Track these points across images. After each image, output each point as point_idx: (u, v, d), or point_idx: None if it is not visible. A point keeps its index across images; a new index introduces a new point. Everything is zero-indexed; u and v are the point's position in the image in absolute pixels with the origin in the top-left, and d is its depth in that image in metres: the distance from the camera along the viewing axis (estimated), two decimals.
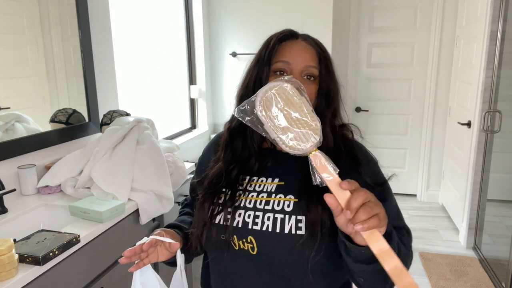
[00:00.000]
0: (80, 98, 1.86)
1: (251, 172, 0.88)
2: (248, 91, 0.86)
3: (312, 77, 0.85)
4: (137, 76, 2.49)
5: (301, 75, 0.84)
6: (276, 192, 0.83)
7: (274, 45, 0.85)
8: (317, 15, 3.11)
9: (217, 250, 0.85)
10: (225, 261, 0.85)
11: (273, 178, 0.86)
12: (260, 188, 0.85)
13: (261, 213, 0.81)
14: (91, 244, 1.24)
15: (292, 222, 0.79)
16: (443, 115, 3.66)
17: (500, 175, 2.83)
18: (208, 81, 3.36)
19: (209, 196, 0.86)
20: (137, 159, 1.59)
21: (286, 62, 0.83)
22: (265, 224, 0.80)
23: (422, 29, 3.60)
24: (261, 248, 0.80)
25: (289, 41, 0.87)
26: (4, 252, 0.93)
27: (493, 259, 2.60)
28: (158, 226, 1.72)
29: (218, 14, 3.29)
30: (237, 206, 0.84)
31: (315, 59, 0.85)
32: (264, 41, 0.89)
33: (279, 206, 0.81)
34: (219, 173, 0.88)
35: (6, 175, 1.47)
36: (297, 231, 0.78)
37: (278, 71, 0.84)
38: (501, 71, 2.57)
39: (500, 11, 2.51)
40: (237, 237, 0.81)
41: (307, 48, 0.86)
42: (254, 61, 0.88)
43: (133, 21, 2.42)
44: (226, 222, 0.82)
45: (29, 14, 1.58)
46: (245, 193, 0.85)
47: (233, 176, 0.87)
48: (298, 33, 0.90)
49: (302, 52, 0.85)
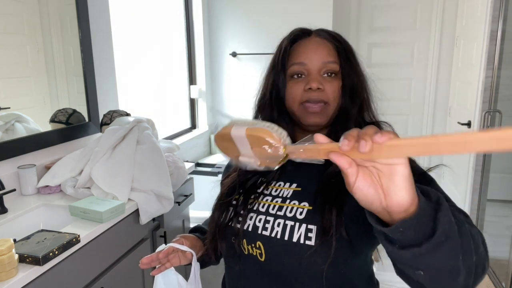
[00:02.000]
0: (80, 98, 1.87)
1: (270, 176, 0.84)
2: (266, 101, 0.83)
3: (333, 74, 0.79)
4: (137, 76, 2.49)
5: (319, 73, 0.78)
6: (291, 198, 0.79)
7: (286, 48, 0.80)
8: (317, 15, 3.11)
9: (229, 253, 0.83)
10: (236, 266, 0.83)
11: (290, 183, 0.82)
12: (276, 192, 0.81)
13: (272, 218, 0.77)
14: (91, 244, 1.24)
15: (302, 230, 0.73)
16: (443, 115, 3.66)
17: (500, 175, 2.83)
18: (208, 81, 3.36)
19: (224, 201, 0.85)
20: (137, 159, 1.59)
21: (301, 63, 0.78)
22: (274, 230, 0.75)
23: (422, 29, 3.60)
24: (269, 255, 0.76)
25: (302, 41, 0.81)
26: (4, 252, 0.93)
27: (493, 259, 2.59)
28: (158, 226, 1.72)
29: (218, 14, 3.29)
30: (250, 208, 0.81)
31: (332, 53, 0.79)
32: (277, 45, 0.84)
33: (291, 213, 0.76)
34: (233, 185, 0.86)
35: (6, 175, 1.47)
36: (306, 241, 0.72)
37: (295, 75, 0.79)
38: (501, 71, 2.57)
39: (500, 11, 2.51)
40: (247, 241, 0.78)
41: (322, 43, 0.79)
42: (270, 68, 0.84)
43: (133, 21, 2.42)
44: (236, 224, 0.80)
45: (29, 14, 1.58)
46: (260, 196, 0.82)
47: (251, 183, 0.84)
48: (311, 29, 0.83)
49: (317, 49, 0.78)
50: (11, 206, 1.40)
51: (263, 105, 0.83)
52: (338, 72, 0.79)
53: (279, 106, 0.81)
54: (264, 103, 0.83)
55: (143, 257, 0.82)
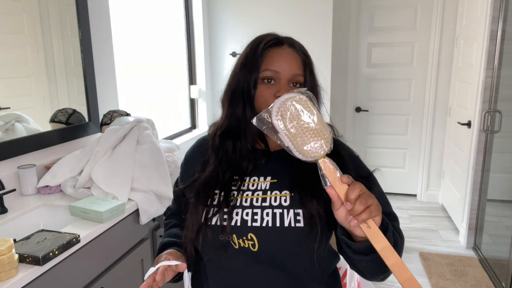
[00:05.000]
0: (80, 98, 1.87)
1: (243, 172, 0.89)
2: (237, 96, 0.89)
3: (298, 84, 0.88)
4: (137, 76, 2.49)
5: (288, 83, 0.87)
6: (271, 190, 0.86)
7: (261, 53, 0.87)
8: (317, 15, 3.11)
9: (214, 251, 0.85)
10: (223, 262, 0.85)
11: (265, 177, 0.89)
12: (254, 187, 0.88)
13: (259, 210, 0.83)
14: (91, 244, 1.24)
15: (291, 215, 0.82)
16: (443, 115, 3.66)
17: (500, 175, 2.83)
18: (208, 81, 3.36)
19: (202, 199, 0.87)
20: (137, 159, 1.59)
21: (275, 71, 0.86)
22: (264, 220, 0.82)
23: (422, 29, 3.60)
24: (263, 244, 0.81)
25: (276, 49, 0.89)
26: (4, 252, 0.93)
27: (493, 259, 2.60)
28: (158, 226, 1.72)
29: (218, 14, 3.30)
30: (233, 205, 0.85)
31: (301, 66, 0.88)
32: (249, 45, 0.91)
33: (276, 202, 0.84)
34: (212, 177, 0.89)
35: (6, 175, 1.47)
36: (296, 224, 0.81)
37: (266, 79, 0.87)
38: (501, 71, 2.57)
39: (500, 11, 2.51)
40: (237, 236, 0.82)
41: (294, 56, 0.88)
42: (240, 65, 0.90)
43: (133, 21, 2.42)
44: (223, 222, 0.83)
45: (29, 14, 1.58)
46: (240, 192, 0.87)
47: (227, 178, 0.89)
48: (283, 38, 0.91)
49: (290, 60, 0.87)
50: (11, 206, 1.40)
51: (232, 99, 0.90)
52: (302, 84, 0.89)
53: (250, 104, 0.88)
54: (234, 97, 0.90)
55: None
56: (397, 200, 3.88)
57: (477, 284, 2.43)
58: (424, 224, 3.34)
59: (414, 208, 3.69)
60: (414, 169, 3.90)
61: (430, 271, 2.58)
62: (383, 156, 3.95)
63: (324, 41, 3.13)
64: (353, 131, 3.96)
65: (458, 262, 2.70)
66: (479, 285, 2.42)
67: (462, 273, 2.55)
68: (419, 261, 2.73)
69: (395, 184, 3.97)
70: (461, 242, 2.99)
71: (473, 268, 2.62)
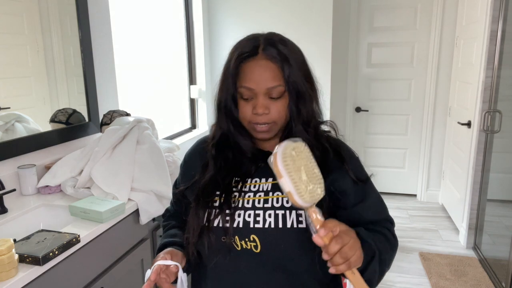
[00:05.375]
0: (80, 98, 1.87)
1: (245, 175, 0.89)
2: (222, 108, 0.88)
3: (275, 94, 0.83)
4: (137, 76, 2.49)
5: (266, 97, 0.83)
6: (273, 191, 0.85)
7: (234, 68, 0.83)
8: (317, 15, 3.11)
9: (217, 254, 0.85)
10: (226, 264, 0.85)
11: (266, 178, 0.88)
12: (255, 188, 0.87)
13: (261, 211, 0.83)
14: (91, 244, 1.24)
15: (293, 216, 0.81)
16: (443, 115, 3.66)
17: (500, 175, 2.83)
18: (208, 81, 3.36)
19: (204, 202, 0.86)
20: (137, 159, 1.59)
21: (249, 88, 0.82)
22: (267, 221, 0.82)
23: (422, 29, 3.60)
24: (265, 245, 0.81)
25: (250, 61, 0.83)
26: (4, 252, 0.93)
27: (493, 259, 2.60)
28: (158, 226, 1.72)
29: (218, 14, 3.30)
30: (235, 207, 0.85)
31: (277, 76, 0.82)
32: (229, 53, 0.87)
33: (278, 203, 0.83)
34: (211, 182, 0.88)
35: (6, 175, 1.47)
36: (299, 225, 0.81)
37: (243, 96, 0.84)
38: (501, 71, 2.57)
39: (500, 11, 2.51)
40: (239, 237, 0.82)
41: (268, 67, 0.82)
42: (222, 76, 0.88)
43: (133, 21, 2.42)
44: (225, 224, 0.83)
45: (29, 14, 1.58)
46: (241, 194, 0.86)
47: (227, 182, 0.88)
48: (259, 44, 0.84)
49: (262, 73, 0.81)
50: (11, 206, 1.40)
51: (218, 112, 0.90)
52: (284, 92, 0.83)
53: (233, 120, 0.88)
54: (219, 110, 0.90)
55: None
56: (397, 200, 3.88)
57: (477, 284, 2.43)
58: (424, 224, 3.34)
59: (414, 208, 3.69)
60: (414, 169, 3.90)
61: (430, 271, 2.58)
62: (383, 156, 3.95)
63: (324, 41, 3.12)
64: (353, 131, 3.96)
65: (458, 262, 2.70)
66: (479, 285, 2.42)
67: (462, 273, 2.55)
68: (419, 261, 2.73)
69: (395, 184, 3.97)
70: (461, 242, 2.99)
71: (473, 268, 2.62)
